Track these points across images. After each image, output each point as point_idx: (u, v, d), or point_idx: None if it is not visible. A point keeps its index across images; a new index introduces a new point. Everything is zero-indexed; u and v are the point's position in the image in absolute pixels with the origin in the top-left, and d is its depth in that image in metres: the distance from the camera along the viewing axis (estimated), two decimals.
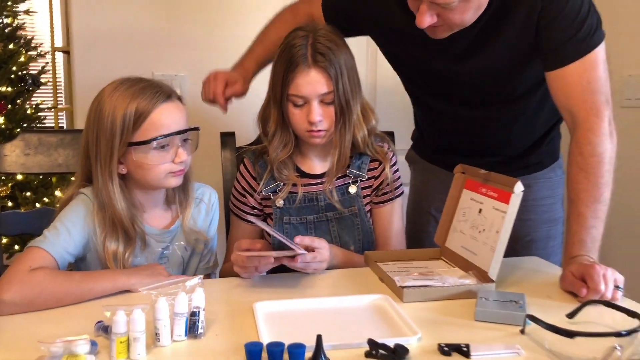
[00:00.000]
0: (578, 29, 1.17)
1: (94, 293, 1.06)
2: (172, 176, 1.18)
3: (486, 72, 1.31)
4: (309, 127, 1.27)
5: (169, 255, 1.25)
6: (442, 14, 1.15)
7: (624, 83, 2.12)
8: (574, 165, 1.18)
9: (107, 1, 2.15)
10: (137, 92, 1.13)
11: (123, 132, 1.12)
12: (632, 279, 2.09)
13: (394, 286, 1.10)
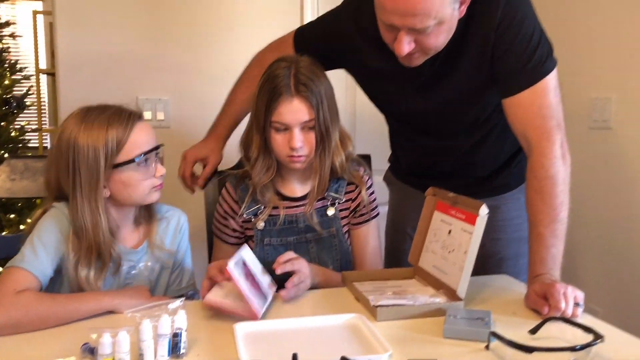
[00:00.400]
0: (529, 59, 1.24)
1: (79, 314, 1.10)
2: (155, 190, 1.24)
3: (448, 102, 1.38)
4: (290, 153, 1.33)
5: (135, 274, 1.28)
6: (418, 39, 1.21)
7: (591, 105, 2.21)
8: (530, 188, 1.25)
9: (92, 25, 2.20)
10: (111, 118, 1.18)
11: (107, 157, 1.16)
12: (603, 291, 2.16)
13: (368, 305, 1.15)
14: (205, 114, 1.62)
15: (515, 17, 1.24)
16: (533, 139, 1.25)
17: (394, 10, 1.16)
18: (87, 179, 1.17)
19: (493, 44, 1.26)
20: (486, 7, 1.25)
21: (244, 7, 2.31)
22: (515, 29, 1.24)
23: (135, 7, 2.22)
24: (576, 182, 2.24)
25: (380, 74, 1.40)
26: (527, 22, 1.25)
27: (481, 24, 1.26)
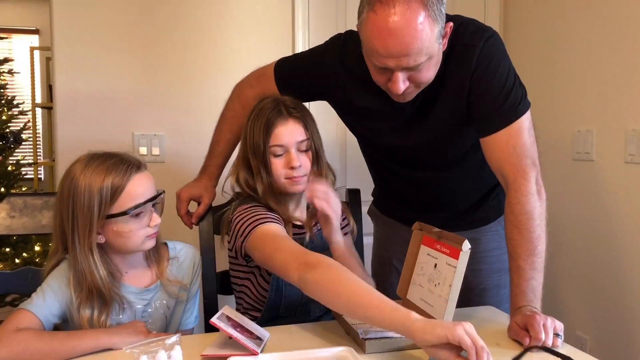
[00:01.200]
0: (503, 101, 1.31)
1: (77, 351, 1.14)
2: (149, 239, 1.27)
3: (428, 140, 1.45)
4: (290, 174, 1.40)
5: (151, 312, 1.32)
6: (412, 76, 1.27)
7: (574, 138, 2.29)
8: (508, 223, 1.31)
9: (90, 62, 2.26)
10: (110, 167, 1.21)
11: (101, 206, 1.20)
12: (589, 320, 2.19)
13: (357, 338, 1.19)
14: (199, 149, 1.67)
15: (490, 63, 1.32)
16: (509, 177, 1.32)
17: (388, 54, 1.21)
18: (82, 226, 1.20)
19: (469, 88, 1.34)
20: (464, 52, 1.32)
21: (234, 45, 2.38)
22: (490, 74, 1.32)
23: (131, 46, 2.29)
24: (560, 211, 2.33)
25: (365, 112, 1.46)
26: (502, 68, 1.33)
27: (459, 69, 1.33)
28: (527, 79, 2.48)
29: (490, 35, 1.34)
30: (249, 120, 1.45)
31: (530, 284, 1.23)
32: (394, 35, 1.18)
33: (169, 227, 2.23)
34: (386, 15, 1.17)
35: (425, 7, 1.17)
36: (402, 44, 1.19)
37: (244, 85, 1.63)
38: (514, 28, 2.64)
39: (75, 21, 2.24)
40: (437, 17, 1.20)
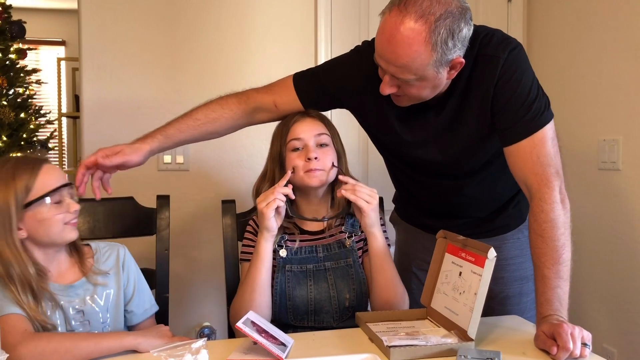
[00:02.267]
0: (527, 111, 1.32)
1: (100, 348, 1.15)
2: (70, 229, 1.28)
3: (454, 149, 1.45)
4: (308, 166, 1.42)
5: (84, 310, 1.30)
6: (401, 86, 1.32)
7: (599, 147, 2.26)
8: (532, 231, 1.30)
9: (115, 72, 2.31)
10: (15, 166, 1.24)
11: (17, 201, 1.21)
12: (616, 332, 2.16)
13: (382, 346, 1.19)
14: (222, 157, 1.69)
15: (514, 74, 1.33)
16: (533, 186, 1.31)
17: (381, 55, 1.29)
18: (1, 224, 1.21)
19: (492, 98, 1.34)
20: (487, 63, 1.34)
21: (257, 55, 2.41)
22: (513, 84, 1.32)
23: (155, 56, 2.33)
24: (585, 221, 2.30)
25: (386, 122, 1.47)
26: (525, 79, 1.33)
27: (482, 79, 1.35)
28: (551, 87, 2.49)
29: (514, 47, 1.35)
30: (274, 133, 1.51)
31: (556, 292, 1.22)
32: (390, 43, 1.24)
33: (188, 234, 2.26)
34: (394, 21, 1.22)
35: (429, 33, 1.21)
36: (393, 55, 1.25)
37: (247, 90, 1.60)
38: (537, 37, 2.63)
39: (102, 32, 2.29)
40: (438, 48, 1.23)
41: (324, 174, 1.45)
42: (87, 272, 1.33)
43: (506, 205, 1.61)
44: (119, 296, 1.36)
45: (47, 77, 4.48)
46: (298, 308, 1.45)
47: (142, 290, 1.42)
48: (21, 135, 2.82)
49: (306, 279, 1.47)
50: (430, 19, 1.20)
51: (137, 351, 1.17)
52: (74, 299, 1.29)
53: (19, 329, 1.15)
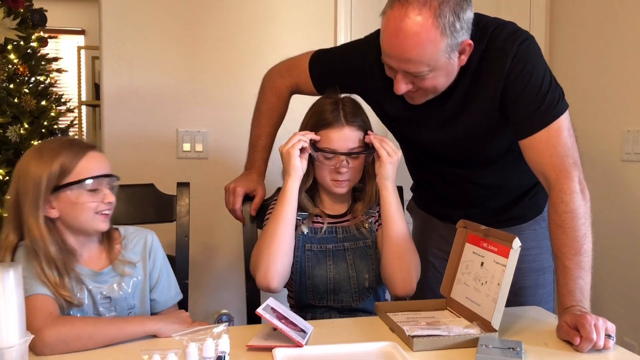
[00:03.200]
0: (540, 103, 1.29)
1: (123, 333, 1.16)
2: (101, 220, 1.28)
3: (461, 138, 1.44)
4: (336, 177, 1.42)
5: (112, 297, 1.31)
6: (415, 82, 1.30)
7: (623, 138, 2.23)
8: (552, 223, 1.28)
9: (135, 61, 2.31)
10: (61, 147, 1.25)
11: (50, 179, 1.21)
12: (638, 326, 2.14)
13: (404, 335, 1.18)
14: (242, 145, 1.69)
15: (524, 67, 1.31)
16: (552, 177, 1.29)
17: (391, 55, 1.27)
18: (31, 199, 1.22)
19: (502, 92, 1.33)
20: (497, 57, 1.32)
21: (277, 42, 2.40)
22: (525, 78, 1.31)
23: (175, 45, 2.33)
24: (608, 214, 2.26)
25: (398, 108, 1.46)
26: (537, 71, 1.31)
27: (492, 72, 1.33)
28: (575, 78, 2.45)
29: (525, 39, 1.33)
30: (305, 116, 1.48)
31: (577, 283, 1.20)
32: (398, 37, 1.22)
33: (208, 222, 2.27)
34: (398, 15, 1.21)
35: (436, 19, 1.20)
36: (403, 49, 1.23)
37: (274, 75, 1.66)
38: (560, 27, 2.59)
39: (122, 21, 2.30)
40: (447, 32, 1.22)
41: (351, 183, 1.45)
42: (114, 259, 1.33)
43: (522, 197, 1.59)
44: (145, 283, 1.36)
45: (67, 66, 4.51)
46: (317, 287, 1.46)
47: (168, 278, 1.42)
48: (42, 122, 2.82)
49: (325, 258, 1.47)
50: (434, 4, 1.20)
51: (157, 336, 1.19)
52: (102, 285, 1.30)
53: (44, 311, 1.16)
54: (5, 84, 2.64)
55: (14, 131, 2.61)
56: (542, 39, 2.62)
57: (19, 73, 2.72)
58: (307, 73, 1.57)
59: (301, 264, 1.46)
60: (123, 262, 1.33)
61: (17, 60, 2.71)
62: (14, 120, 2.64)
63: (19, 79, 2.73)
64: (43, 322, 1.13)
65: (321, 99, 1.48)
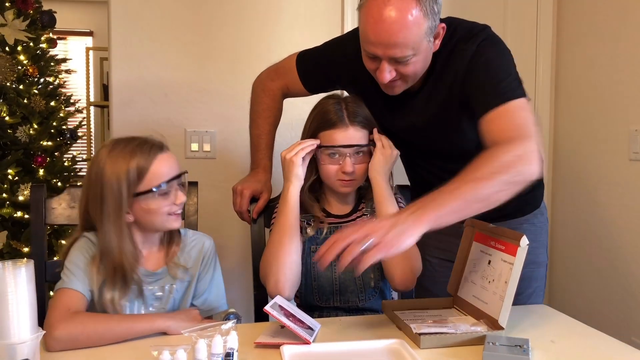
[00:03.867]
0: (497, 84, 1.29)
1: (133, 332, 1.18)
2: (174, 219, 1.31)
3: (420, 124, 1.46)
4: (342, 177, 1.42)
5: (162, 297, 1.33)
6: (398, 68, 1.32)
7: (630, 137, 2.22)
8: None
9: (144, 62, 2.33)
10: (134, 150, 1.26)
11: (129, 186, 1.24)
12: None
13: (411, 333, 1.19)
14: (249, 145, 1.70)
15: (483, 57, 1.34)
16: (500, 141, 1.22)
17: (378, 42, 1.28)
18: (112, 207, 1.24)
19: (463, 78, 1.35)
20: (462, 46, 1.36)
21: (285, 42, 2.40)
22: (482, 66, 1.33)
23: (184, 45, 2.34)
24: (616, 213, 2.26)
25: (374, 96, 1.48)
26: (496, 63, 1.33)
27: (455, 61, 1.37)
28: (582, 77, 2.45)
29: (484, 39, 1.35)
30: (309, 118, 1.48)
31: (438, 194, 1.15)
32: (384, 22, 1.24)
33: (216, 221, 2.28)
34: (381, 2, 1.24)
35: (418, 1, 1.23)
36: (391, 32, 1.25)
37: (264, 79, 1.70)
38: (567, 26, 2.58)
39: (130, 21, 2.31)
40: (429, 14, 1.26)
41: (357, 182, 1.45)
42: (170, 261, 1.35)
43: (519, 193, 1.57)
44: (191, 288, 1.38)
45: (75, 67, 4.54)
46: (323, 288, 1.46)
47: (217, 288, 1.42)
48: (51, 123, 2.85)
49: None
50: None
51: (167, 333, 1.20)
52: (155, 286, 1.33)
53: (65, 306, 1.18)
54: (15, 85, 2.67)
55: (24, 131, 2.64)
56: (549, 38, 2.62)
57: (28, 74, 2.75)
58: (294, 72, 1.61)
59: (307, 266, 1.46)
60: (177, 265, 1.35)
61: (27, 61, 2.73)
62: (23, 121, 2.66)
63: (29, 79, 2.76)
64: (58, 317, 1.15)
65: (324, 99, 1.48)
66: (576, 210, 2.51)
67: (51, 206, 1.59)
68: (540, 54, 2.62)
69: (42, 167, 2.69)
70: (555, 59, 2.64)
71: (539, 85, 2.63)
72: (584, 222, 2.46)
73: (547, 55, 2.62)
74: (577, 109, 2.52)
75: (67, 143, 3.01)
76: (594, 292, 2.41)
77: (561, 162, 2.64)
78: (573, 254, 2.55)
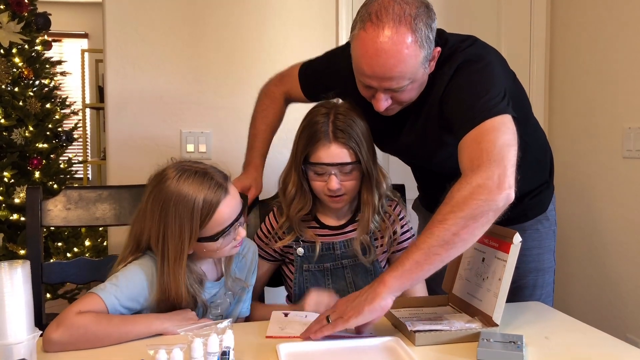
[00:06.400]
0: (472, 107, 1.24)
1: (131, 336, 1.18)
2: (235, 248, 1.31)
3: (415, 143, 1.46)
4: (329, 194, 1.40)
5: (221, 305, 1.36)
6: (394, 96, 1.32)
7: (624, 135, 2.23)
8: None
9: (139, 63, 2.33)
10: (199, 191, 1.21)
11: (192, 234, 1.21)
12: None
13: (406, 330, 1.20)
14: (245, 146, 1.71)
15: (457, 83, 1.31)
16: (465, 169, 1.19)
17: (373, 75, 1.26)
18: (173, 251, 1.22)
19: (439, 104, 1.34)
20: (442, 70, 1.33)
21: (279, 44, 2.41)
22: (454, 94, 1.31)
23: (178, 46, 2.35)
24: (609, 211, 2.27)
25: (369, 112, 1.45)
26: (469, 88, 1.28)
27: (435, 84, 1.35)
28: (576, 76, 2.47)
29: (463, 61, 1.31)
30: (300, 126, 1.45)
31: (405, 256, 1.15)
32: (380, 57, 1.22)
33: None
34: (375, 36, 1.21)
35: (413, 33, 1.21)
36: (387, 67, 1.23)
37: (269, 85, 1.72)
38: (561, 24, 2.60)
39: (125, 23, 2.31)
40: (424, 43, 1.24)
41: (348, 197, 1.43)
42: (228, 272, 1.36)
43: (522, 198, 1.56)
44: (241, 299, 1.40)
45: (70, 69, 4.54)
46: None
47: (250, 292, 1.44)
48: (47, 125, 2.86)
49: (324, 277, 1.48)
50: (408, 19, 1.21)
51: (164, 334, 1.20)
52: (215, 294, 1.34)
53: (78, 309, 1.16)
54: (10, 87, 2.67)
55: (19, 134, 2.65)
56: (543, 37, 2.63)
57: (23, 76, 2.76)
58: (296, 80, 1.62)
59: (300, 286, 1.46)
60: (237, 281, 1.38)
61: (22, 63, 2.74)
62: (19, 123, 2.67)
63: (24, 82, 2.77)
64: (63, 319, 1.13)
65: (315, 107, 1.45)
66: (570, 208, 2.52)
67: (47, 208, 1.59)
68: (534, 52, 2.63)
69: (38, 170, 2.70)
70: (549, 57, 2.65)
71: (532, 84, 2.64)
72: (578, 219, 2.48)
73: (541, 53, 2.64)
74: (570, 106, 2.54)
75: (62, 145, 3.02)
76: (588, 289, 2.42)
77: (555, 160, 2.64)
78: (567, 252, 2.56)
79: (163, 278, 1.24)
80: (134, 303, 1.24)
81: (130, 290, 1.23)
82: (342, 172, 1.38)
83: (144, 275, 1.26)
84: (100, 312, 1.19)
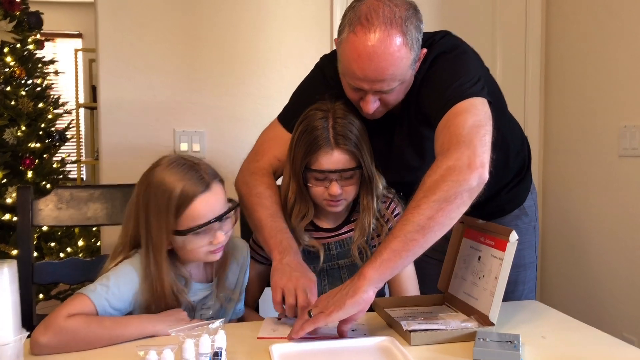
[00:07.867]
0: (442, 94, 1.25)
1: (122, 338, 1.15)
2: (213, 255, 1.26)
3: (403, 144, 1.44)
4: (329, 198, 1.38)
5: (212, 307, 1.33)
6: (382, 98, 1.31)
7: (620, 134, 2.23)
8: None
9: (132, 63, 2.31)
10: (185, 175, 1.20)
11: (169, 216, 1.18)
12: (637, 321, 2.13)
13: (401, 330, 1.18)
14: (238, 145, 1.70)
15: (429, 78, 1.32)
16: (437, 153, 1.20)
17: (364, 78, 1.25)
18: (155, 238, 1.20)
19: (416, 101, 1.35)
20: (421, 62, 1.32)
21: (273, 44, 2.40)
22: (425, 89, 1.32)
23: (172, 46, 2.33)
24: (605, 208, 2.27)
25: None
26: (440, 76, 1.29)
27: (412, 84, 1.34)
28: (571, 74, 2.46)
29: (434, 57, 1.32)
30: (295, 130, 1.40)
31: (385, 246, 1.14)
32: (371, 59, 1.21)
33: None
34: (366, 39, 1.20)
35: (404, 35, 1.21)
36: (378, 69, 1.22)
37: (244, 171, 1.51)
38: (557, 22, 2.59)
39: (118, 23, 2.30)
40: (414, 45, 1.24)
41: (346, 202, 1.41)
42: (221, 275, 1.34)
43: (498, 192, 1.54)
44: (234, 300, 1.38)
45: (64, 69, 4.51)
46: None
47: (243, 293, 1.42)
48: (39, 125, 2.84)
49: (320, 278, 1.45)
50: (399, 22, 1.20)
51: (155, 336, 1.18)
52: (203, 297, 1.32)
53: (67, 312, 1.13)
54: (2, 87, 2.65)
55: (11, 134, 2.63)
56: (539, 35, 2.63)
57: (15, 76, 2.74)
58: (280, 136, 1.48)
59: None
60: (229, 292, 1.35)
61: (14, 62, 2.72)
62: (11, 123, 2.65)
63: (16, 81, 2.75)
64: (52, 322, 1.11)
65: (311, 111, 1.39)
66: (566, 206, 2.51)
67: (38, 207, 1.58)
68: (530, 50, 2.63)
69: (31, 169, 2.68)
70: (545, 55, 2.65)
71: (528, 82, 2.63)
72: (574, 217, 2.47)
73: (537, 51, 2.63)
74: (566, 105, 2.53)
75: (55, 145, 2.99)
76: (585, 288, 2.42)
77: (551, 159, 2.64)
78: (564, 251, 2.55)
79: (149, 269, 1.22)
80: (125, 304, 1.22)
81: (121, 290, 1.21)
82: (343, 177, 1.37)
83: (135, 273, 1.23)
84: (89, 314, 1.16)
